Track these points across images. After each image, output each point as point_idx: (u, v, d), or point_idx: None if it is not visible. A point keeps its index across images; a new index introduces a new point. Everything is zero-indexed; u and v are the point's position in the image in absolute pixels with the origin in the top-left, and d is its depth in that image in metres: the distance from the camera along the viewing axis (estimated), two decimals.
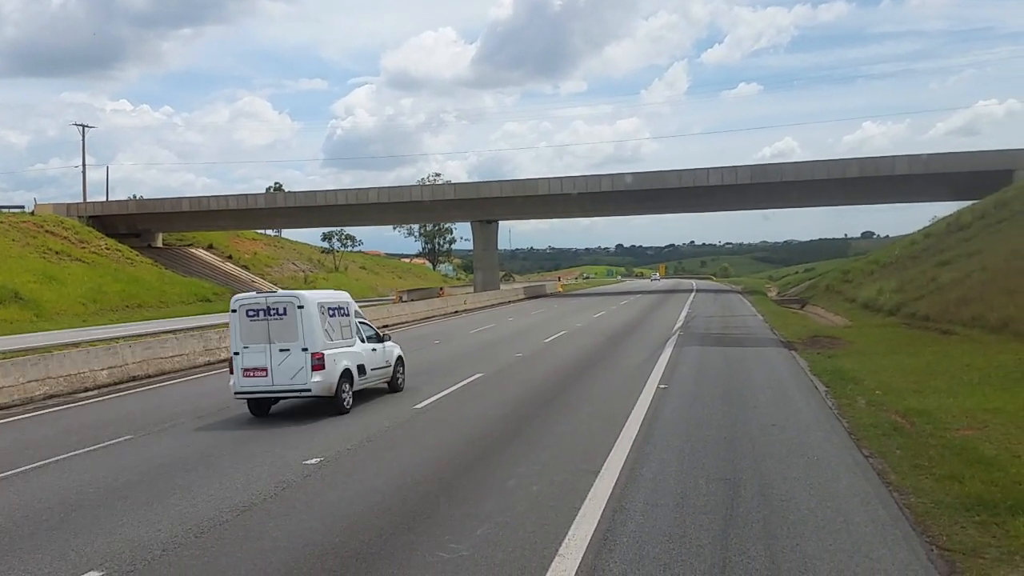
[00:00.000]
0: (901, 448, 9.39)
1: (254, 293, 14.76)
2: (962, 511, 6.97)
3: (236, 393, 13.59)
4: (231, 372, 13.61)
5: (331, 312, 14.29)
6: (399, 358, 16.14)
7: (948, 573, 5.79)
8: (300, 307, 13.48)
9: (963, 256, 32.49)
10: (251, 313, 13.62)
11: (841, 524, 6.85)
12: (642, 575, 5.86)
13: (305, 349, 13.31)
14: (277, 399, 13.99)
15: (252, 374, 13.42)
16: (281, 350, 13.37)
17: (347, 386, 13.88)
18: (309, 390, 13.41)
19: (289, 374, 13.29)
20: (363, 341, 14.98)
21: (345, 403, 13.76)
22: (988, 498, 7.16)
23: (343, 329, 14.46)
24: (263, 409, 13.89)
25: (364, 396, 15.03)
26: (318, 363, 13.29)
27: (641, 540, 6.57)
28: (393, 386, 15.87)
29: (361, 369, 14.55)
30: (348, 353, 14.23)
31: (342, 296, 15.47)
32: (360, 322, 15.27)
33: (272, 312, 13.54)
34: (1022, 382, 13.23)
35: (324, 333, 13.69)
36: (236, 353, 13.55)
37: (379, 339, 15.73)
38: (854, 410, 11.96)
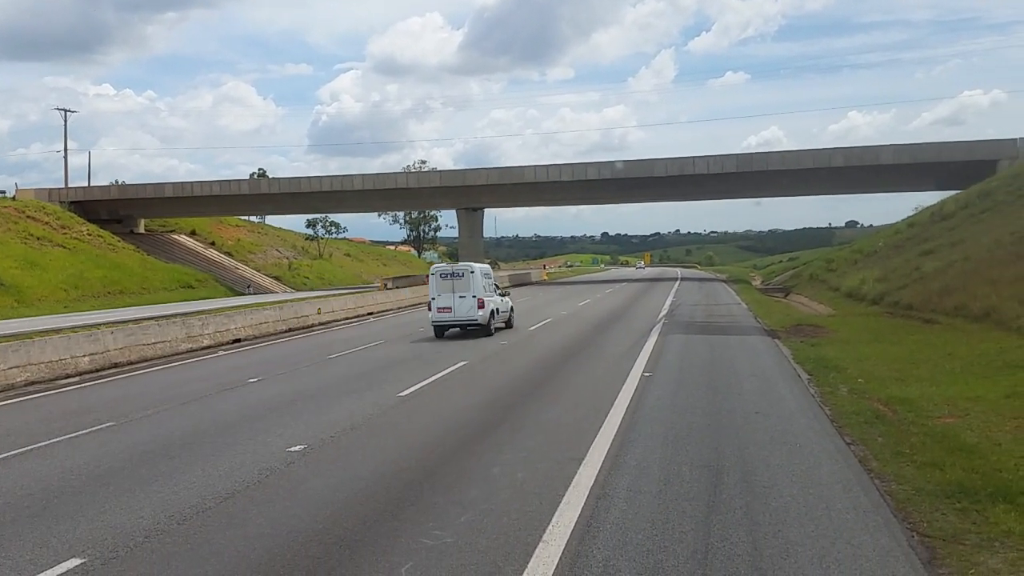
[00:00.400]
0: (883, 436, 9.45)
1: (446, 264, 25.38)
2: (943, 498, 7.03)
3: (433, 322, 23.15)
4: (429, 310, 23.39)
5: (485, 275, 23.92)
6: (511, 307, 25.67)
7: (928, 559, 5.84)
8: (471, 272, 23.20)
9: (946, 246, 32.69)
10: (443, 275, 23.27)
11: (823, 511, 6.89)
12: (625, 561, 5.87)
13: (474, 296, 22.75)
14: (453, 327, 23.28)
15: (442, 311, 22.95)
16: (460, 297, 22.79)
17: (492, 319, 23.24)
18: (476, 320, 22.78)
19: (464, 311, 22.73)
20: (496, 295, 24.43)
21: (492, 329, 23.25)
22: (969, 485, 7.22)
23: (489, 287, 24.00)
24: (442, 332, 23.26)
25: (354, 384, 15.03)
26: (480, 304, 22.73)
27: (624, 526, 6.59)
28: (508, 324, 25.14)
29: (497, 311, 23.90)
30: (493, 300, 23.66)
31: (488, 267, 26.15)
32: (494, 284, 25.11)
33: (455, 275, 23.14)
34: (1003, 371, 13.33)
35: (483, 288, 23.10)
36: (433, 298, 23.14)
37: (503, 294, 25.39)
38: (837, 398, 12.02)
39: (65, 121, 78.36)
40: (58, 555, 6.40)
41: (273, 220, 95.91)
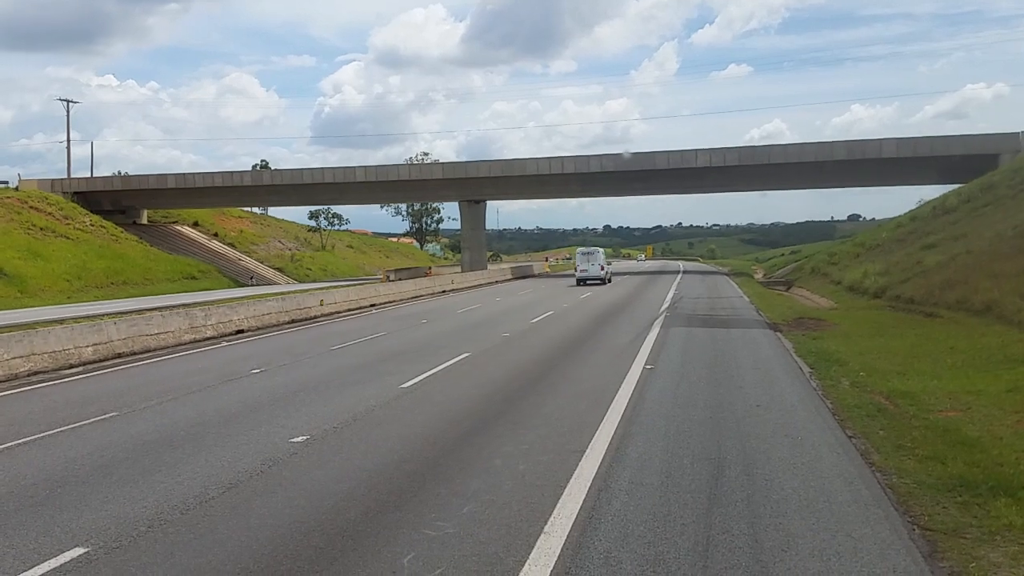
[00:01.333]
0: (884, 429, 9.48)
1: (585, 247, 52.98)
2: (944, 492, 7.05)
3: (577, 277, 49.15)
4: (575, 272, 50.08)
5: (602, 255, 50.66)
6: (611, 271, 53.17)
7: (929, 552, 5.86)
8: (597, 252, 50.74)
9: (948, 239, 32.67)
10: (583, 253, 50.43)
11: (824, 504, 6.91)
12: (627, 552, 5.90)
13: (599, 264, 49.07)
14: (587, 280, 48.52)
15: (582, 271, 48.85)
16: (591, 264, 48.92)
17: (605, 274, 49.37)
18: (600, 276, 48.60)
19: (594, 271, 48.64)
20: (607, 265, 51.33)
21: (606, 282, 48.74)
22: (970, 479, 7.24)
23: (604, 260, 50.30)
24: (580, 283, 48.04)
25: (357, 375, 15.06)
26: (602, 268, 49.13)
27: (626, 518, 6.61)
28: (608, 280, 49.63)
29: (608, 273, 50.19)
30: (606, 267, 50.18)
31: (601, 250, 53.26)
32: (606, 259, 51.97)
33: (590, 253, 50.18)
34: (1005, 364, 13.34)
35: (604, 259, 50.39)
36: (577, 265, 49.71)
37: (608, 263, 52.60)
38: (838, 391, 12.04)
39: (68, 112, 78.34)
40: (61, 544, 6.43)
41: (276, 211, 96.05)
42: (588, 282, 48.31)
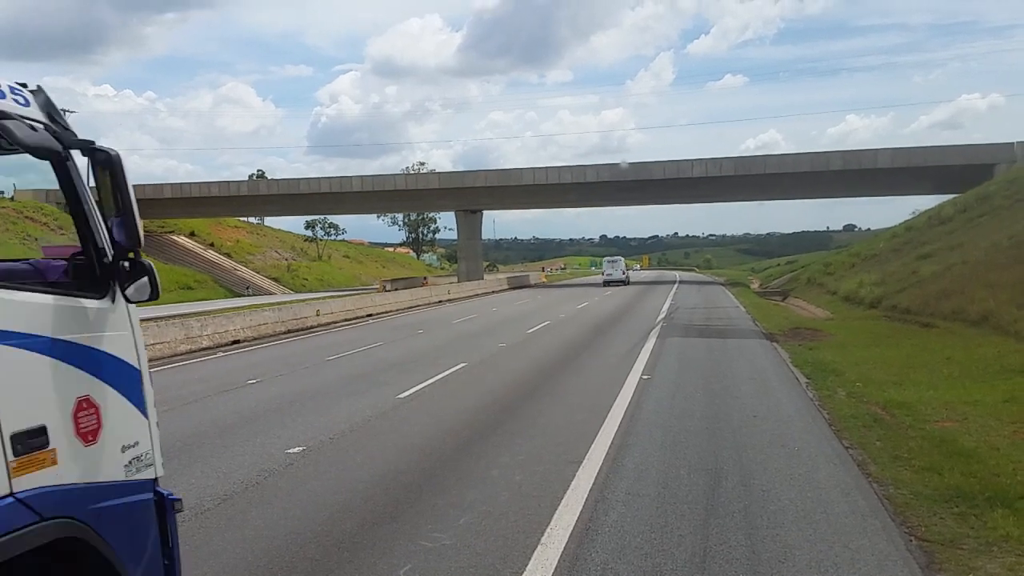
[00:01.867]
0: (881, 440, 9.47)
1: (610, 256, 77.88)
2: (941, 502, 7.04)
3: (603, 280, 67.72)
4: (602, 275, 70.69)
5: (623, 263, 73.03)
6: (630, 275, 74.53)
7: (927, 563, 5.85)
8: (620, 260, 72.65)
9: (944, 249, 32.78)
10: (608, 261, 73.08)
11: (821, 514, 6.90)
12: (624, 564, 5.88)
13: (620, 269, 69.30)
14: (612, 282, 65.21)
15: (608, 275, 68.15)
16: (615, 269, 68.85)
17: (625, 277, 68.79)
18: (621, 279, 66.89)
19: (617, 275, 67.45)
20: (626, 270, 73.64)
21: (626, 282, 66.54)
22: (967, 490, 7.24)
23: (624, 267, 71.24)
24: (606, 284, 64.73)
25: (353, 386, 15.05)
26: (623, 272, 69.20)
27: (623, 529, 6.59)
28: (627, 282, 66.96)
29: (627, 276, 70.41)
30: (626, 272, 70.67)
31: (622, 258, 76.65)
32: (625, 264, 75.32)
33: (614, 261, 71.68)
34: (1001, 375, 13.36)
35: (624, 266, 71.76)
36: (604, 270, 71.56)
37: (628, 269, 77.69)
38: (835, 402, 12.04)
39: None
40: None
41: (272, 221, 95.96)
42: (611, 283, 64.39)
